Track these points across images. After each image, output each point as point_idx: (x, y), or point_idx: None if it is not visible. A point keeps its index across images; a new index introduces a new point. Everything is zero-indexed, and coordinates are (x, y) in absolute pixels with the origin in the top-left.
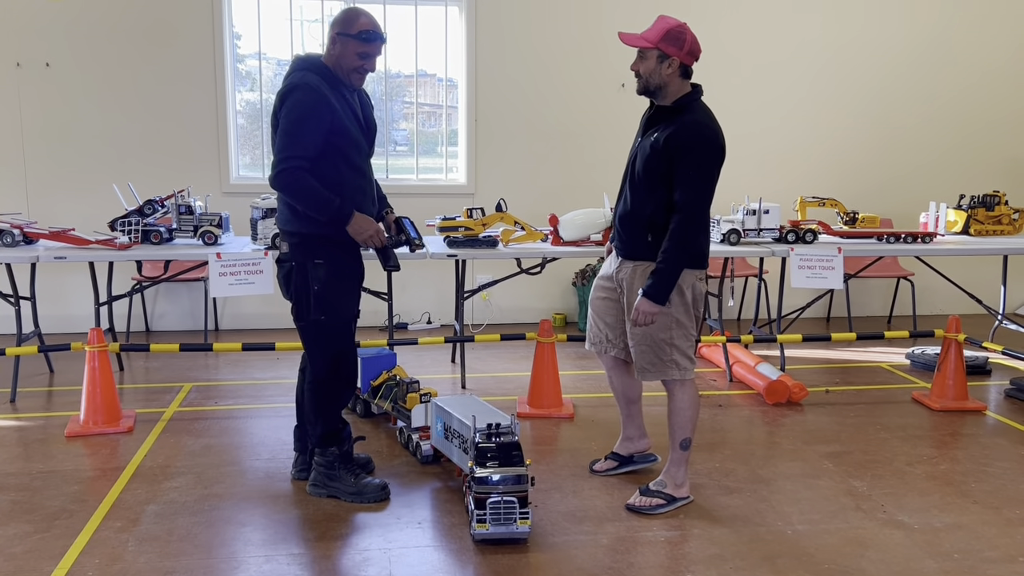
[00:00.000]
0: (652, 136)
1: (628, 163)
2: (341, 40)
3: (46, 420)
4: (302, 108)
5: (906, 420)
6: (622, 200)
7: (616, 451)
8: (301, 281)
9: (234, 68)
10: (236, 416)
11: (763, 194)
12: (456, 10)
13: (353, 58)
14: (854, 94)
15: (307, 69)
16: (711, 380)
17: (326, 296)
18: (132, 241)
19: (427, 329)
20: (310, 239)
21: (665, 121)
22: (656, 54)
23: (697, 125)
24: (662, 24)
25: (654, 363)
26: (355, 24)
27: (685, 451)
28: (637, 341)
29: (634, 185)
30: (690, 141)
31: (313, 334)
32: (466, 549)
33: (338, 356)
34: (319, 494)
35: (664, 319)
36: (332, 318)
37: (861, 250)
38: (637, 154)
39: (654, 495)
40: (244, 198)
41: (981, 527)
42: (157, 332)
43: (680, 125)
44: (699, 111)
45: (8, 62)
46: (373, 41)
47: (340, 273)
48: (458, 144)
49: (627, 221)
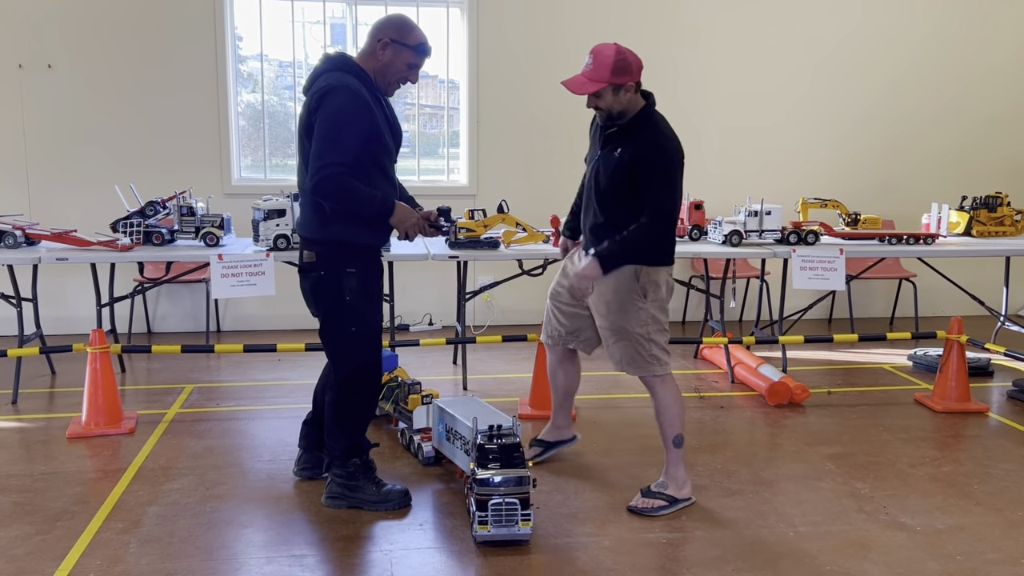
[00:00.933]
0: (615, 152)
1: (590, 174)
2: (395, 48)
3: (48, 421)
4: (345, 113)
5: (908, 422)
6: (591, 212)
7: (543, 438)
8: (334, 292)
9: (236, 70)
10: (238, 418)
11: (765, 195)
12: (458, 11)
13: (402, 68)
14: (856, 95)
15: (344, 71)
16: (713, 381)
17: (358, 306)
18: (134, 242)
19: (429, 330)
20: (341, 247)
21: (625, 136)
22: (611, 89)
23: (659, 141)
24: (602, 59)
25: (635, 359)
26: (412, 35)
27: (679, 448)
28: (616, 337)
29: (601, 196)
30: (656, 158)
31: (343, 345)
32: (468, 551)
33: (365, 367)
34: (338, 506)
35: (640, 314)
36: (363, 329)
37: (863, 251)
38: (599, 167)
39: (656, 496)
40: (246, 199)
41: (984, 529)
42: (159, 333)
43: (644, 143)
44: (658, 124)
45: (10, 63)
46: (426, 54)
47: (371, 281)
48: (460, 145)
49: (601, 231)
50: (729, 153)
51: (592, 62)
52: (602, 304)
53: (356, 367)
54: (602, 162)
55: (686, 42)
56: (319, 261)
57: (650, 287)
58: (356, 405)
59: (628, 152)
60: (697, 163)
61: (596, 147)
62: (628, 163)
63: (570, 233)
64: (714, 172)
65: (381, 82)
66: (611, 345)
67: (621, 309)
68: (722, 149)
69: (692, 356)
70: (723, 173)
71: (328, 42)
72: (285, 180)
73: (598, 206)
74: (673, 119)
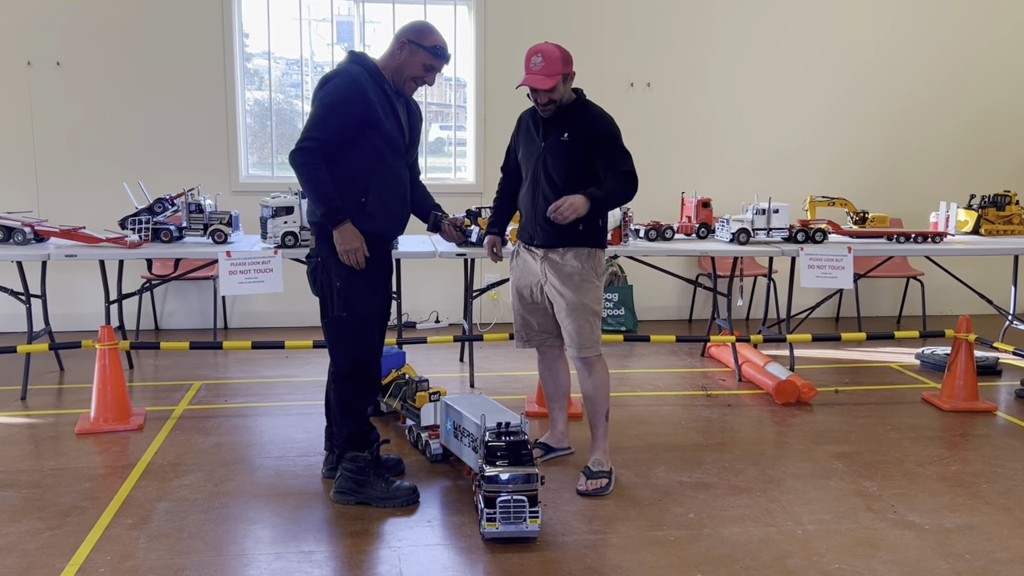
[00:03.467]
0: (563, 136)
1: (532, 167)
2: (411, 48)
3: (57, 418)
4: (336, 94)
5: (916, 420)
6: (538, 202)
7: (544, 441)
8: (325, 277)
9: (243, 67)
10: (246, 414)
11: (772, 193)
12: (465, 9)
13: (418, 68)
14: (864, 94)
15: (355, 63)
16: (720, 380)
17: (348, 293)
18: (142, 239)
19: (436, 328)
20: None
21: (567, 120)
22: (562, 79)
23: (605, 117)
24: (550, 55)
25: (589, 338)
26: (429, 37)
27: (607, 422)
28: (575, 315)
29: (552, 182)
30: (610, 131)
31: (336, 331)
32: (476, 548)
33: (361, 354)
34: (347, 502)
35: (595, 292)
36: (354, 315)
37: (871, 250)
38: (546, 156)
39: (599, 476)
40: (254, 196)
41: (993, 528)
42: (167, 330)
43: (590, 120)
44: (592, 103)
45: (19, 61)
46: (441, 57)
47: (368, 270)
48: (467, 144)
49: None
50: (737, 151)
51: (543, 60)
52: (564, 281)
53: (348, 353)
54: (550, 150)
55: (694, 42)
56: (317, 246)
57: (599, 268)
58: (355, 390)
59: (577, 133)
60: (704, 161)
61: (536, 140)
62: (581, 142)
63: (498, 230)
64: (722, 170)
65: (397, 80)
66: (568, 325)
67: (580, 287)
68: (730, 147)
69: (699, 354)
70: (731, 171)
71: (335, 40)
72: (292, 177)
73: (550, 190)
74: (680, 118)
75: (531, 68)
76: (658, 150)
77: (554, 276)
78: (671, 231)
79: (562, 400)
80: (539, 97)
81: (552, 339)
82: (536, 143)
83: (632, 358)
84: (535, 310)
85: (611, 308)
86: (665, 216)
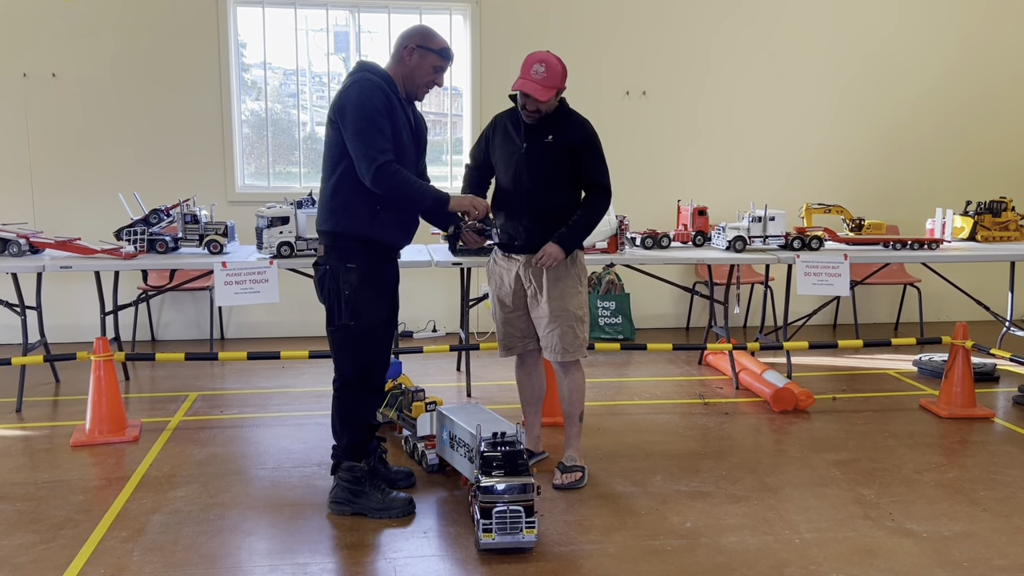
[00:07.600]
0: (546, 139)
1: (515, 165)
2: (420, 53)
3: (52, 429)
4: (371, 104)
5: (914, 427)
6: (521, 197)
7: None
8: (333, 285)
9: (239, 77)
10: (242, 425)
11: (768, 201)
12: (460, 18)
13: (428, 71)
14: (859, 101)
15: (367, 71)
16: (717, 387)
17: (356, 301)
18: (138, 250)
19: (432, 337)
20: (344, 240)
21: (551, 125)
22: (555, 92)
23: (588, 125)
24: (553, 66)
25: (572, 342)
26: (435, 40)
27: (582, 423)
28: (557, 322)
29: (536, 184)
30: (590, 136)
31: (341, 339)
32: (472, 559)
33: (367, 363)
34: (342, 512)
35: (579, 297)
36: (361, 324)
37: (867, 257)
38: (525, 160)
39: (573, 470)
40: (249, 207)
41: (991, 535)
42: (162, 341)
43: (575, 127)
44: (573, 111)
45: (15, 73)
46: (449, 58)
47: (372, 278)
48: (463, 153)
49: (539, 217)
50: (733, 159)
51: (546, 71)
52: (548, 286)
53: (354, 362)
54: (531, 154)
55: (690, 50)
56: (326, 254)
57: (582, 272)
58: (357, 400)
59: (561, 138)
60: (701, 169)
61: (517, 142)
62: (563, 146)
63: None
64: (717, 178)
65: (409, 86)
66: (550, 333)
67: (564, 294)
68: (726, 155)
69: (696, 362)
70: (726, 179)
71: (331, 50)
72: (288, 188)
73: (533, 195)
74: (675, 126)
75: (531, 75)
76: (654, 158)
77: (536, 281)
78: (667, 239)
79: (537, 404)
80: (529, 104)
81: (534, 343)
82: (516, 145)
83: (629, 366)
84: (518, 317)
85: (608, 316)
86: (661, 224)
